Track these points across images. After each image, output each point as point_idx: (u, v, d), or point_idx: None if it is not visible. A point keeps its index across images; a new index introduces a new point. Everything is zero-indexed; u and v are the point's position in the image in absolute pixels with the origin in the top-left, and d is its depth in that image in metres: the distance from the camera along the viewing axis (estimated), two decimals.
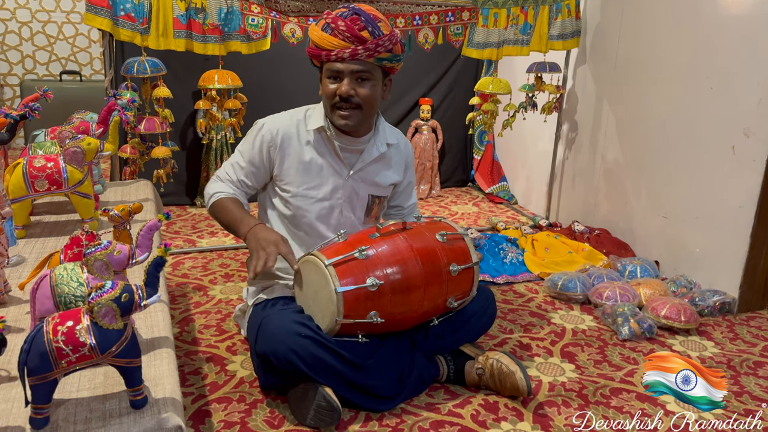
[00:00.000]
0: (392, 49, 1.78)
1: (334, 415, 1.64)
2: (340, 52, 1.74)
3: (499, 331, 2.31)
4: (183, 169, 3.69)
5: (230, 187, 1.93)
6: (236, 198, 1.91)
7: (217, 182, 1.96)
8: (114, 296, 0.95)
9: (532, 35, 3.13)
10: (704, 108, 2.62)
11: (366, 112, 1.83)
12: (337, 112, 1.82)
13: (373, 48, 1.73)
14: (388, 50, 1.77)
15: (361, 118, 1.84)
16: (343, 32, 1.72)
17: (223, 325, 2.27)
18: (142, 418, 0.98)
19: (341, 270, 1.67)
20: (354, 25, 1.72)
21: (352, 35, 1.72)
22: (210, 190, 1.95)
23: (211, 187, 1.96)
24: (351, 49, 1.73)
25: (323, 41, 1.75)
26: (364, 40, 1.72)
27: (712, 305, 2.48)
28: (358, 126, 1.86)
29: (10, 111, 1.71)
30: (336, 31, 1.73)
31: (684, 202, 2.75)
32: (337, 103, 1.81)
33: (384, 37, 1.74)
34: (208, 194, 1.95)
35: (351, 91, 1.78)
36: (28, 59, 5.47)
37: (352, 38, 1.72)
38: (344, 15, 1.75)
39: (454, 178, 4.51)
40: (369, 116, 1.87)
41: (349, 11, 1.75)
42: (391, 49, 1.77)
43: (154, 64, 2.65)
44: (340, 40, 1.73)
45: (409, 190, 2.13)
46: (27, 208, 1.74)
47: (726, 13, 2.51)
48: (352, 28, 1.72)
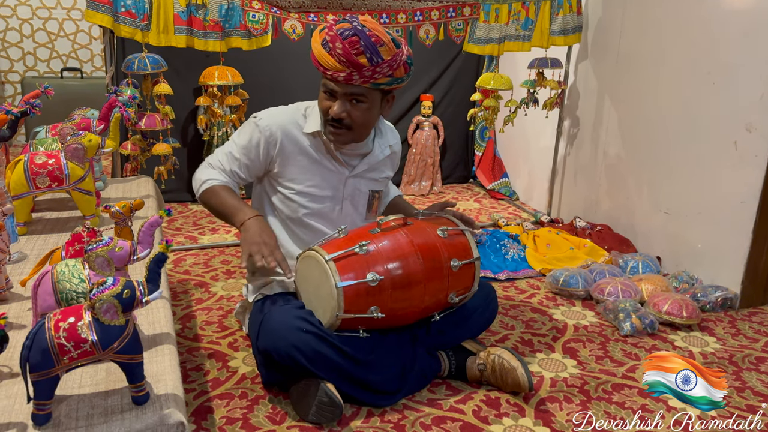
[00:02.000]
0: (392, 74, 1.71)
1: (335, 411, 1.64)
2: (335, 73, 1.68)
3: (500, 326, 2.31)
4: (184, 165, 3.68)
5: (222, 175, 1.88)
6: (229, 187, 1.87)
7: (209, 169, 1.91)
8: (115, 292, 0.95)
9: (534, 31, 3.12)
10: (706, 103, 2.61)
11: (357, 132, 1.80)
12: (328, 128, 1.79)
13: (370, 75, 1.67)
14: (388, 75, 1.70)
15: (351, 138, 1.81)
16: (339, 56, 1.65)
17: (225, 321, 2.27)
18: (144, 414, 0.98)
19: (342, 265, 1.67)
20: (352, 49, 1.64)
21: (348, 60, 1.64)
22: (201, 176, 1.89)
23: (202, 172, 1.90)
24: (346, 74, 1.67)
25: (321, 58, 1.70)
26: (360, 66, 1.65)
27: (714, 301, 2.47)
28: (348, 143, 1.84)
29: (11, 108, 1.71)
30: (333, 52, 1.66)
31: (686, 198, 2.75)
32: (329, 120, 1.78)
33: (383, 64, 1.66)
34: (199, 180, 1.89)
35: (342, 113, 1.73)
36: (29, 56, 5.46)
37: (348, 63, 1.65)
38: (344, 35, 1.65)
39: (456, 174, 4.50)
40: (361, 135, 1.84)
41: (350, 30, 1.66)
42: (391, 74, 1.70)
43: (155, 60, 2.65)
44: (335, 62, 1.66)
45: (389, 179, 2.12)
46: (28, 205, 1.74)
47: (728, 8, 2.50)
48: (349, 52, 1.64)
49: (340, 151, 1.86)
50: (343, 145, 1.83)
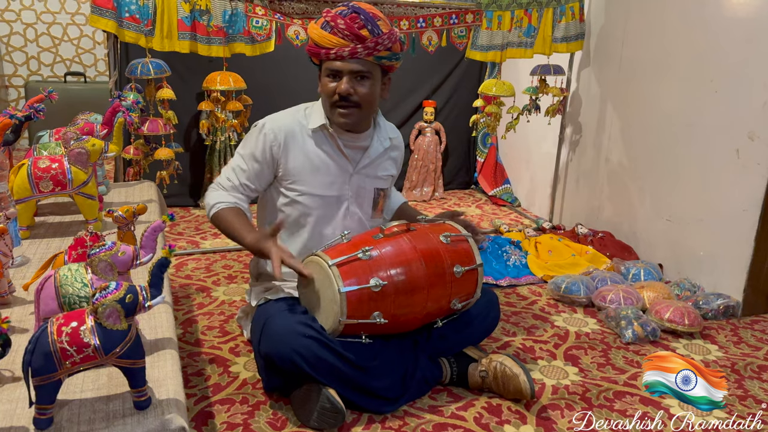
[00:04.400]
0: (391, 47, 1.78)
1: (337, 417, 1.64)
2: (339, 50, 1.74)
3: (502, 333, 2.30)
4: (187, 170, 3.70)
5: (231, 195, 1.89)
6: (238, 208, 1.87)
7: (218, 191, 1.91)
8: (118, 297, 0.95)
9: (536, 38, 3.13)
10: (708, 111, 2.61)
11: (365, 110, 1.84)
12: (337, 110, 1.82)
13: (373, 46, 1.74)
14: (387, 48, 1.77)
15: (360, 117, 1.84)
16: (343, 30, 1.72)
17: (226, 326, 2.27)
18: (146, 419, 0.98)
19: (345, 270, 1.67)
20: (353, 23, 1.72)
21: (351, 33, 1.72)
22: (210, 200, 1.89)
23: (211, 196, 1.91)
24: (350, 48, 1.73)
25: (323, 40, 1.76)
26: (363, 38, 1.73)
27: (716, 309, 2.47)
28: (357, 124, 1.87)
29: (15, 112, 1.72)
30: (335, 29, 1.73)
31: (688, 205, 2.75)
32: (336, 102, 1.81)
33: (383, 36, 1.74)
34: (208, 204, 1.90)
35: (350, 89, 1.78)
36: (33, 60, 5.48)
37: (352, 36, 1.72)
38: (343, 13, 1.74)
39: (458, 180, 4.51)
40: (368, 114, 1.88)
41: (348, 9, 1.75)
42: (390, 47, 1.77)
43: (158, 65, 2.66)
44: (339, 39, 1.73)
45: (393, 179, 2.13)
46: (31, 209, 1.74)
47: (730, 16, 2.50)
48: (352, 26, 1.72)
49: (345, 144, 1.88)
50: (352, 127, 1.86)
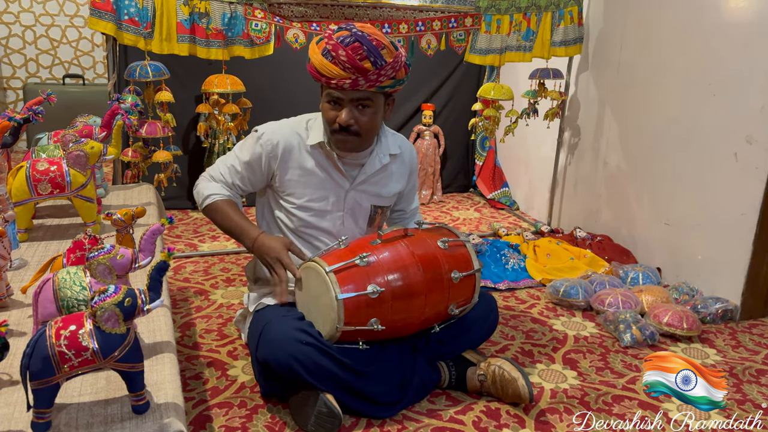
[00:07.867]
0: (395, 75, 1.71)
1: (335, 422, 1.63)
2: (340, 81, 1.67)
3: (500, 337, 2.30)
4: (185, 173, 3.69)
5: (224, 188, 1.89)
6: (233, 201, 1.88)
7: (211, 182, 1.91)
8: (117, 300, 0.95)
9: (535, 41, 3.14)
10: (707, 115, 2.62)
11: (365, 138, 1.80)
12: (335, 136, 1.78)
13: (375, 78, 1.67)
14: (391, 77, 1.70)
15: (359, 143, 1.80)
16: (344, 63, 1.64)
17: (225, 329, 2.26)
18: (144, 423, 0.98)
19: (342, 277, 1.66)
20: (355, 55, 1.63)
21: (353, 66, 1.64)
22: (204, 191, 1.89)
23: (204, 186, 1.90)
24: (351, 81, 1.66)
25: (323, 68, 1.68)
26: (365, 71, 1.65)
27: (715, 312, 2.47)
28: (356, 149, 1.83)
29: (13, 114, 1.72)
30: (336, 60, 1.65)
31: (686, 209, 2.75)
32: (336, 130, 1.77)
33: (387, 66, 1.66)
34: (201, 194, 1.89)
35: (350, 120, 1.73)
36: (32, 63, 5.48)
37: (353, 69, 1.64)
38: (345, 42, 1.65)
39: (456, 183, 4.51)
40: (369, 140, 1.84)
41: (351, 37, 1.65)
42: (394, 76, 1.71)
43: (157, 68, 2.66)
44: (340, 70, 1.65)
45: (412, 194, 2.12)
46: (30, 212, 1.74)
47: (728, 20, 2.51)
48: (354, 58, 1.63)
49: (342, 161, 1.86)
50: (349, 151, 1.83)
